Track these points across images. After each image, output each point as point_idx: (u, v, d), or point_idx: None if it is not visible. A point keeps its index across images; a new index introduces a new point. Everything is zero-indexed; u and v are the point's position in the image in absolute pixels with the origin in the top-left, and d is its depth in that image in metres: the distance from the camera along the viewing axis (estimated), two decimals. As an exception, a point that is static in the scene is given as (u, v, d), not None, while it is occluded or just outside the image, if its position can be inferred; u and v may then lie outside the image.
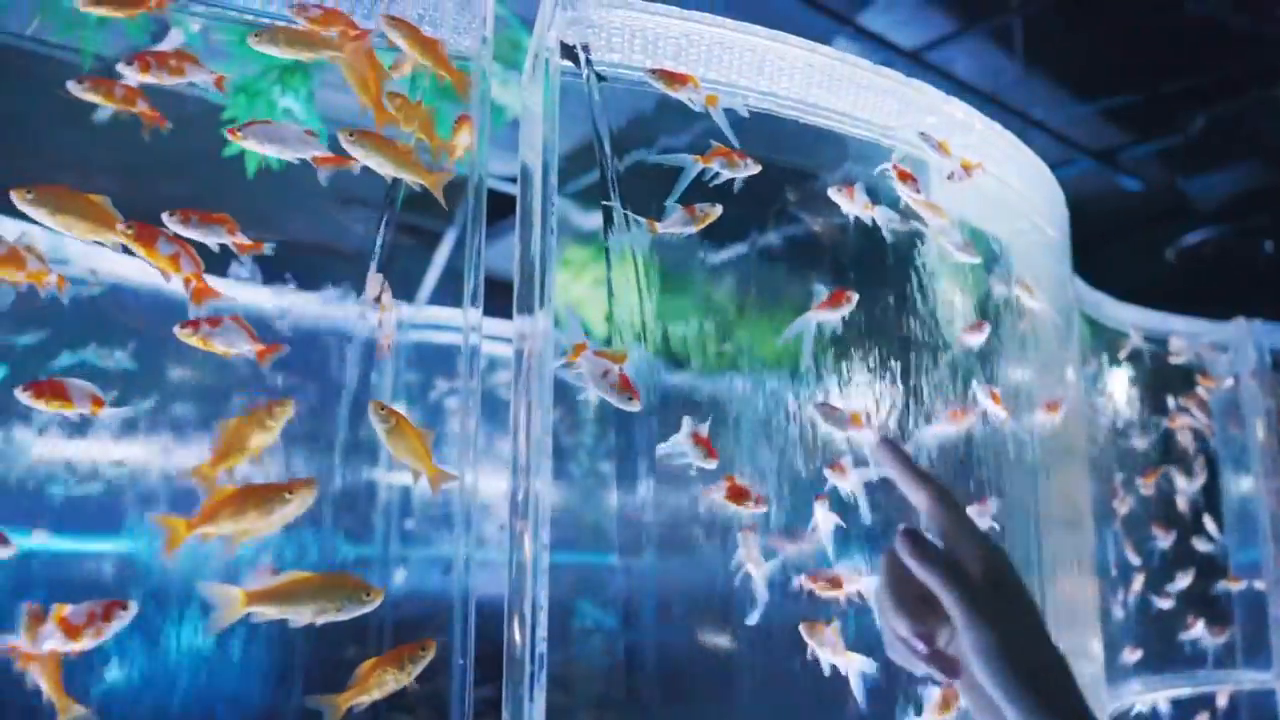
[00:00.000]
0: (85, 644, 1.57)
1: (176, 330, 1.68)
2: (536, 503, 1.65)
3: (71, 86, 1.71)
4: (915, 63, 6.26)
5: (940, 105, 2.19)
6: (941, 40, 6.20)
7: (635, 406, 1.73)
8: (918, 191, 2.11)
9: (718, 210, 1.88)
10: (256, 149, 1.76)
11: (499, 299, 2.05)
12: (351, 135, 1.70)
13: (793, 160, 2.23)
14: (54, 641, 1.55)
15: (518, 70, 4.12)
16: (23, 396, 1.71)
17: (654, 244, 1.88)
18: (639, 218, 1.84)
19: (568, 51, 1.80)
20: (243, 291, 1.88)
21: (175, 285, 1.70)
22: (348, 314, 2.08)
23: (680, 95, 1.89)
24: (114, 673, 2.11)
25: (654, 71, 1.89)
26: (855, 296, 2.06)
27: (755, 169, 1.93)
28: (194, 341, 1.69)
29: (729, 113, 1.92)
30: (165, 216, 1.71)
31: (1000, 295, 2.44)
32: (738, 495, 1.92)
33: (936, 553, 1.02)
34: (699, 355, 2.11)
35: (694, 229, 1.88)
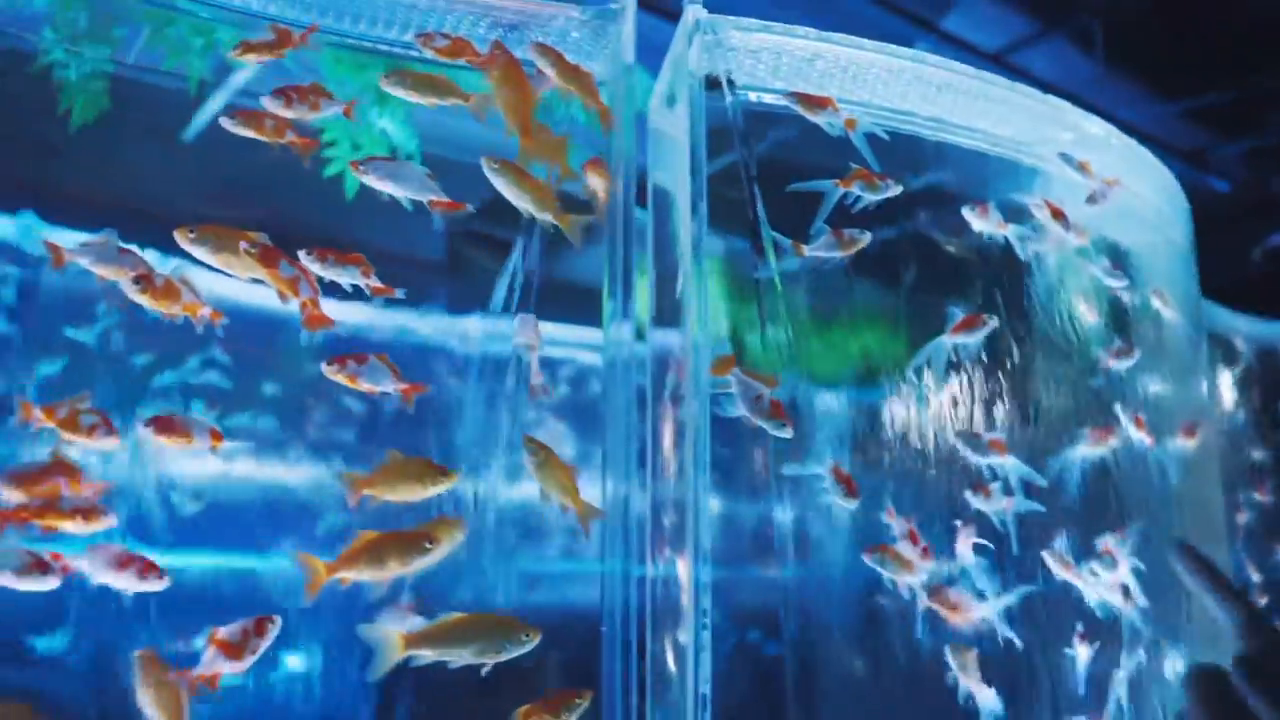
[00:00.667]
0: (245, 663, 1.57)
1: (324, 368, 1.68)
2: (695, 523, 1.61)
3: (225, 122, 1.73)
4: (996, 65, 6.16)
5: (1078, 122, 2.13)
6: (1021, 42, 6.09)
7: (787, 433, 1.71)
8: (1068, 229, 2.06)
9: (866, 238, 1.85)
10: (376, 185, 1.77)
11: (586, 308, 2.02)
12: (495, 165, 1.69)
13: (929, 178, 2.19)
14: (219, 664, 1.55)
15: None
16: (145, 433, 1.72)
17: (800, 269, 1.85)
18: (783, 239, 1.81)
19: (712, 81, 1.78)
20: (347, 310, 1.89)
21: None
22: (446, 330, 2.08)
23: (819, 119, 1.86)
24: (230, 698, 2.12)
25: (793, 95, 1.85)
26: (992, 320, 2.01)
27: (896, 190, 1.89)
28: (341, 379, 1.69)
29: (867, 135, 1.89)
30: (303, 255, 1.72)
31: (1133, 306, 2.37)
32: (903, 550, 1.88)
33: (1213, 566, 0.95)
34: (840, 373, 2.08)
35: (841, 254, 1.85)
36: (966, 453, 1.99)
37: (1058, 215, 2.05)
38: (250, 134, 1.78)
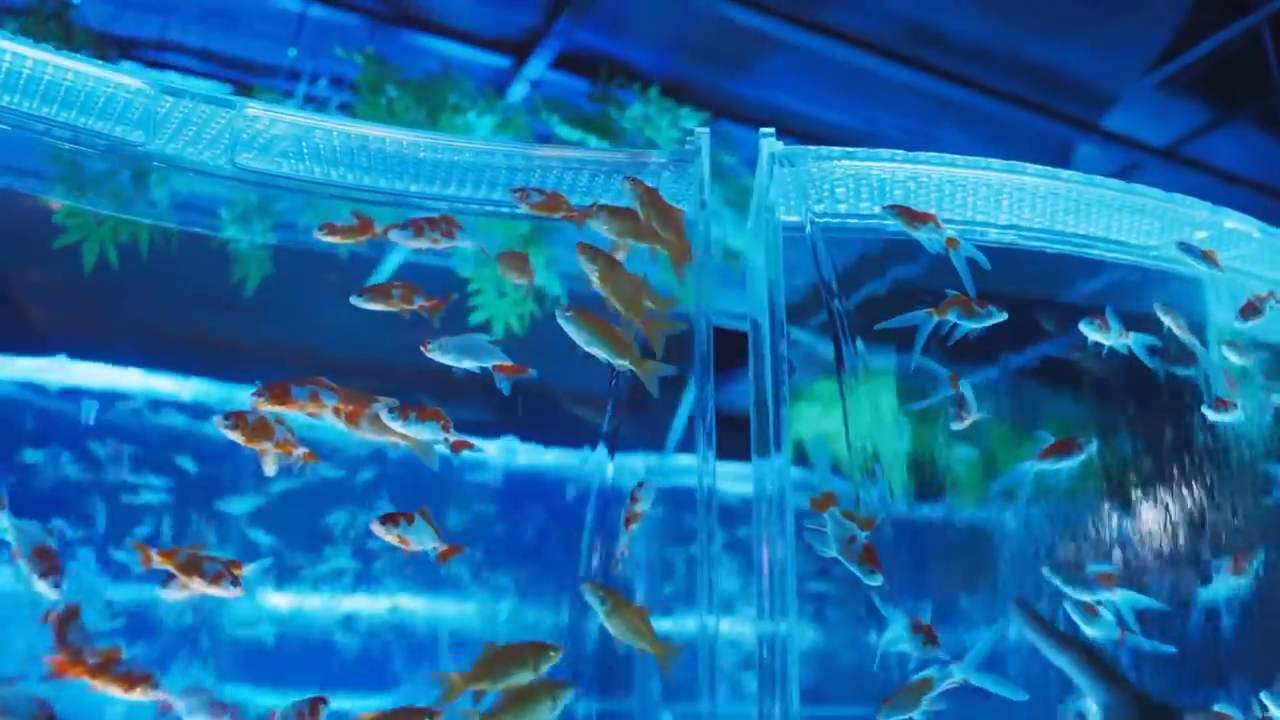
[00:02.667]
0: None
1: (375, 527, 1.70)
2: (784, 653, 1.55)
3: (355, 300, 1.84)
4: (1171, 159, 5.85)
5: (1209, 218, 1.98)
6: (1197, 132, 5.78)
7: (876, 580, 1.61)
8: (1204, 344, 1.91)
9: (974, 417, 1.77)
10: (449, 363, 1.81)
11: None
12: (568, 314, 1.71)
13: (1042, 291, 2.08)
14: None
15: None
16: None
17: (896, 374, 1.78)
18: (939, 370, 1.76)
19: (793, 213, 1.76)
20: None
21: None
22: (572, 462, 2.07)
23: (919, 234, 1.79)
24: None
25: (892, 208, 1.80)
26: (1088, 444, 1.86)
27: (998, 318, 1.79)
28: (392, 539, 1.71)
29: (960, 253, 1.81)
30: (384, 412, 1.75)
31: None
32: None
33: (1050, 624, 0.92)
34: (947, 487, 1.96)
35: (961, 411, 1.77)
36: (1068, 589, 1.82)
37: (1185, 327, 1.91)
38: (379, 307, 1.86)
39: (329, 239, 1.83)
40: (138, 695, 1.67)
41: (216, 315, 3.49)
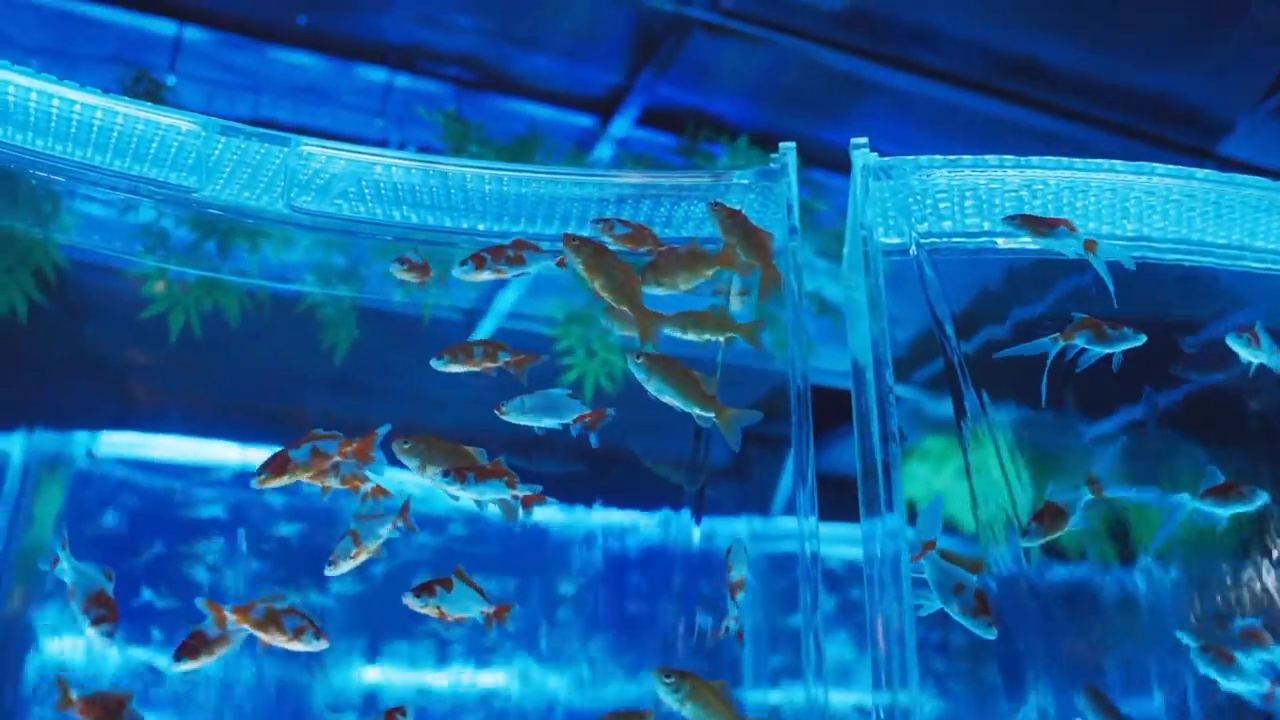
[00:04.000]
0: None
1: (407, 600, 1.61)
2: None
3: (434, 363, 1.77)
4: (1298, 185, 5.50)
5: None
6: (1326, 154, 5.43)
7: (992, 633, 1.40)
8: None
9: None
10: (528, 422, 1.74)
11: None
12: (640, 361, 1.58)
13: (1176, 309, 1.87)
14: None
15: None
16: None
17: (1022, 422, 1.58)
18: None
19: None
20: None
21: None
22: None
23: (1049, 243, 1.60)
24: None
25: (1016, 219, 1.61)
26: (1255, 494, 1.63)
27: (1135, 341, 1.58)
28: (428, 611, 1.63)
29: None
30: (441, 480, 1.66)
31: None
32: None
33: None
34: (1088, 544, 1.76)
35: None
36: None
37: None
38: (461, 369, 1.78)
39: (405, 276, 1.73)
40: None
41: (307, 387, 3.47)
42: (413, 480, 1.73)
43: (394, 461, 1.69)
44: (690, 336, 1.62)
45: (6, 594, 2.94)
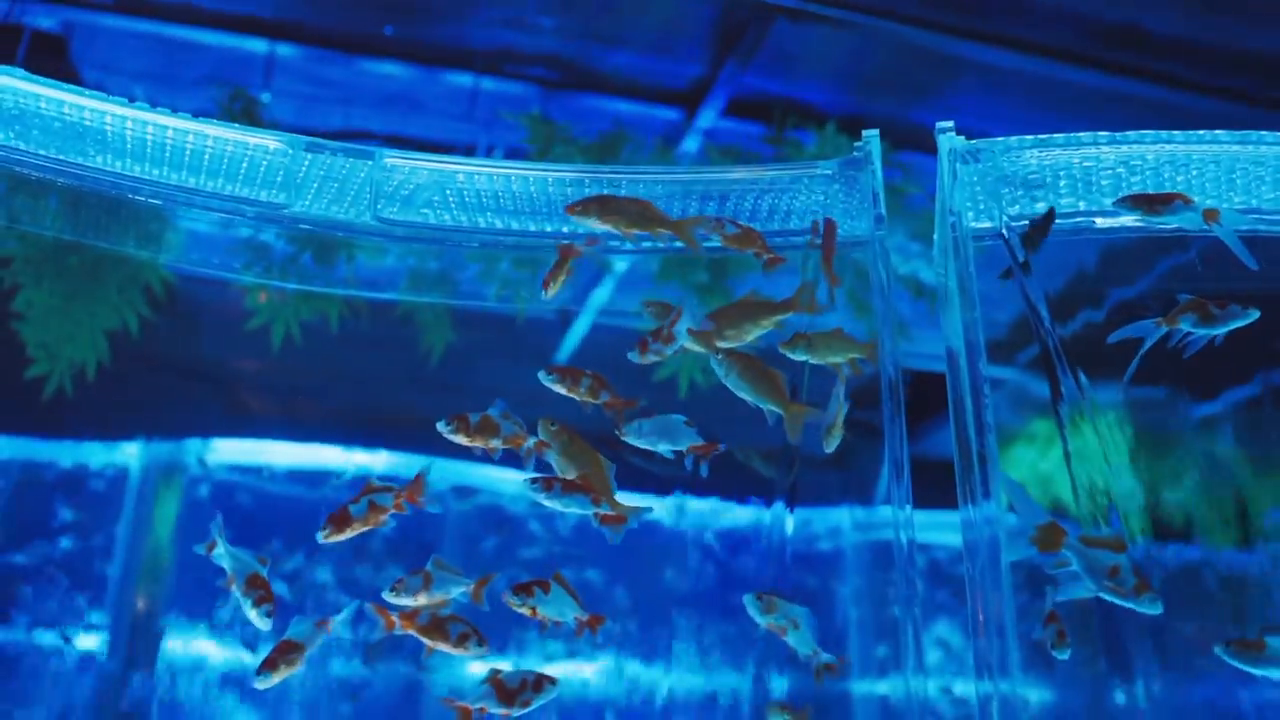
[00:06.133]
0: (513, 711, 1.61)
1: (507, 598, 1.63)
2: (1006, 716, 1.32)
3: (542, 376, 1.82)
4: None
5: None
6: None
7: (1158, 608, 1.35)
8: None
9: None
10: (644, 446, 1.77)
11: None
12: (724, 361, 1.59)
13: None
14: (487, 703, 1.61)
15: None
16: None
17: (1125, 403, 1.52)
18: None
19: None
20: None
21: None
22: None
23: (1167, 219, 1.54)
24: None
25: (1129, 200, 1.55)
26: None
27: (1246, 318, 1.50)
28: (525, 611, 1.67)
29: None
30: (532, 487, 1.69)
31: None
32: None
33: None
34: (1198, 526, 1.69)
35: None
36: None
37: None
38: (563, 391, 1.82)
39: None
40: None
41: (406, 389, 3.54)
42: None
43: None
44: (809, 359, 1.64)
45: (133, 595, 3.07)
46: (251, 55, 4.25)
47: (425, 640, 1.72)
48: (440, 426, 1.75)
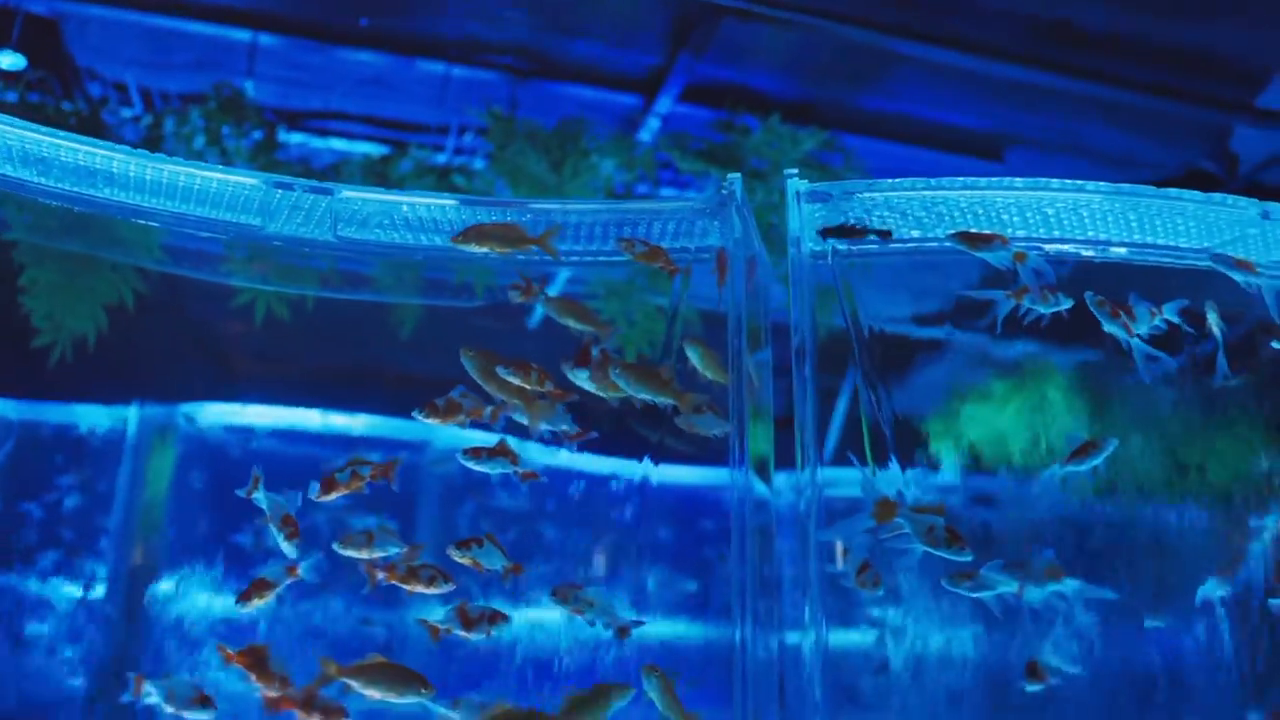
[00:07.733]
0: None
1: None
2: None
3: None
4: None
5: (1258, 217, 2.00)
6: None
7: (968, 555, 1.73)
8: None
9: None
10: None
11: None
12: (619, 368, 1.93)
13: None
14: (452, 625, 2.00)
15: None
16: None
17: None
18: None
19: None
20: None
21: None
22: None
23: (987, 255, 1.92)
24: None
25: (957, 236, 1.93)
26: (1109, 443, 1.96)
27: (1065, 304, 1.91)
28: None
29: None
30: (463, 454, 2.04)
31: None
32: None
33: None
34: (1136, 482, 2.07)
35: None
36: None
37: None
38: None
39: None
40: None
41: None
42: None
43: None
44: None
45: (130, 546, 3.37)
46: (236, 43, 4.51)
47: (404, 585, 2.07)
48: (415, 414, 2.05)
